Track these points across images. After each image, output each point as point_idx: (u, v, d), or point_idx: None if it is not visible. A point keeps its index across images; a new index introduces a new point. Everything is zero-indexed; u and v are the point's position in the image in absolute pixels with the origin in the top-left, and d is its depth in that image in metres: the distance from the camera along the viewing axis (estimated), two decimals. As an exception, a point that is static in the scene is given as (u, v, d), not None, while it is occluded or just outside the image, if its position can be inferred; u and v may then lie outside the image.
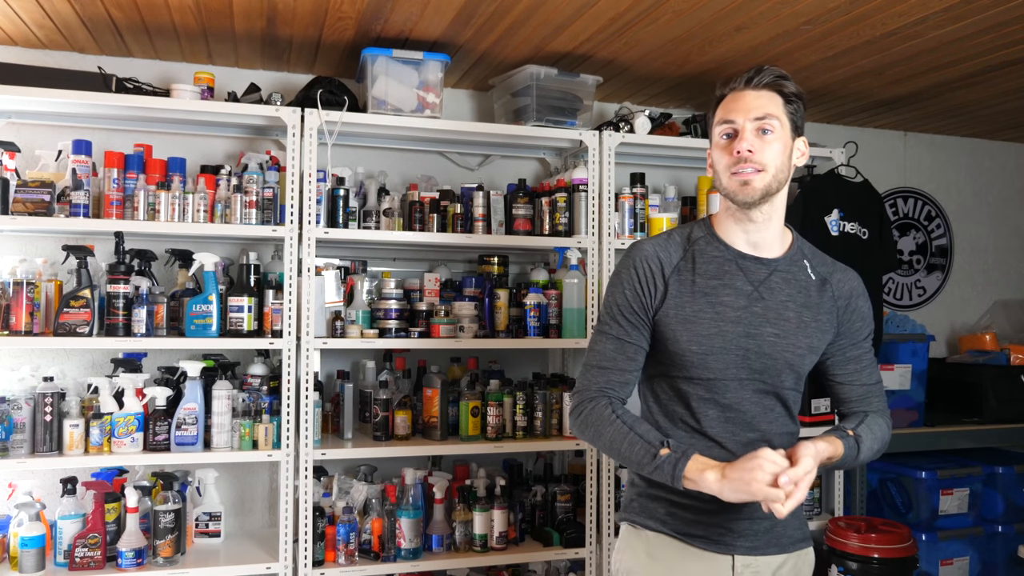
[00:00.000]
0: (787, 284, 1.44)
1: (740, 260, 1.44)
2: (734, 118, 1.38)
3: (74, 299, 2.26)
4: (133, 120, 2.61)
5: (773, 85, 1.39)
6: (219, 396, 2.37)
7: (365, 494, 2.49)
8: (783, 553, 1.47)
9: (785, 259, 1.46)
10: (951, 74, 2.87)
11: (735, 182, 1.38)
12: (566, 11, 2.30)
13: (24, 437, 2.24)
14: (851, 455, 1.41)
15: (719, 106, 1.43)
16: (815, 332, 1.44)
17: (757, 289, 1.42)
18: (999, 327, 3.75)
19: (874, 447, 1.44)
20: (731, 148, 1.38)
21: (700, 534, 1.44)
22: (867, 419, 1.48)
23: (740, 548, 1.43)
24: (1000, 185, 3.98)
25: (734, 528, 1.43)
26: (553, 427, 2.68)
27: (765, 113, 1.37)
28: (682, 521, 1.45)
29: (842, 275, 1.50)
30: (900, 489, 3.18)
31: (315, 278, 2.44)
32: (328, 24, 2.41)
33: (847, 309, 1.47)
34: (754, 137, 1.37)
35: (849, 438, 1.42)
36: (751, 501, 1.29)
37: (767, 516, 1.40)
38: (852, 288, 1.49)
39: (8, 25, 2.43)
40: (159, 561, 2.29)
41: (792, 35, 2.47)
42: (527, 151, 3.07)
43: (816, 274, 1.47)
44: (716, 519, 1.42)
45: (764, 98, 1.38)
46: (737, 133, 1.38)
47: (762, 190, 1.37)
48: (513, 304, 2.71)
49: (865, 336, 1.50)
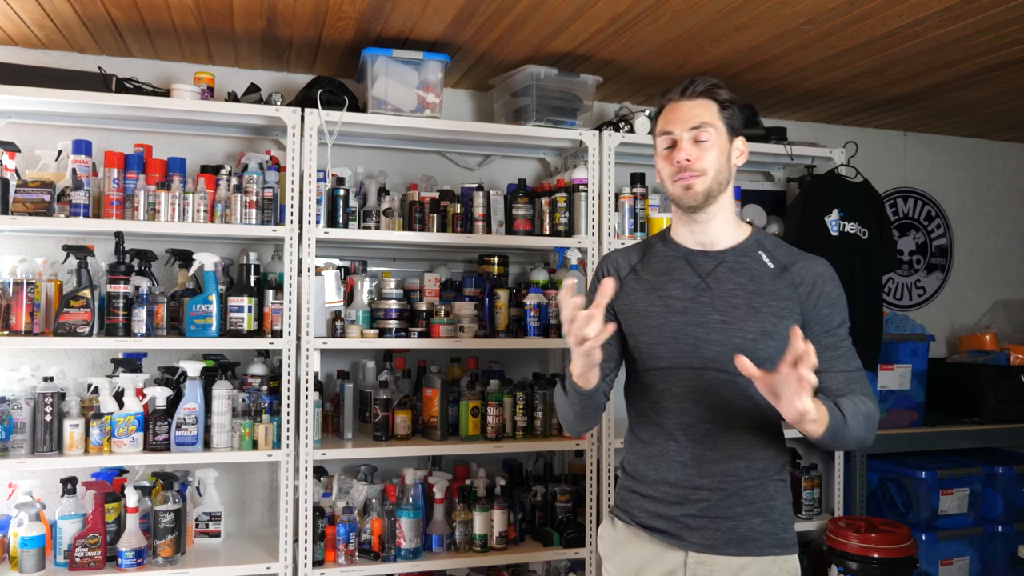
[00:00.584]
0: (735, 273, 1.49)
1: (689, 256, 1.53)
2: (672, 129, 1.47)
3: (74, 299, 2.26)
4: (133, 120, 2.61)
5: (706, 93, 1.47)
6: (219, 396, 2.37)
7: (365, 494, 2.49)
8: (746, 556, 1.45)
9: (735, 250, 1.51)
10: (951, 74, 2.87)
11: (678, 187, 1.47)
12: (566, 11, 2.30)
13: (24, 437, 2.24)
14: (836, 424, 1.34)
15: (659, 117, 1.52)
16: (768, 317, 1.44)
17: (704, 280, 1.50)
18: (999, 327, 3.75)
19: (859, 419, 1.38)
20: (672, 157, 1.47)
21: (660, 528, 1.50)
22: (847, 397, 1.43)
23: (694, 544, 1.46)
24: (1000, 185, 3.98)
25: (691, 524, 1.47)
26: (553, 427, 2.68)
27: (700, 122, 1.45)
28: (647, 514, 1.52)
29: (806, 263, 1.50)
30: (900, 489, 3.18)
31: (315, 278, 2.44)
32: (328, 24, 2.41)
33: (811, 295, 1.46)
34: (691, 146, 1.45)
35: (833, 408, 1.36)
36: (590, 356, 1.35)
37: (730, 516, 1.45)
38: (817, 274, 1.48)
39: (8, 25, 2.43)
40: (159, 561, 2.29)
41: (792, 35, 2.48)
42: (527, 151, 3.07)
43: (775, 263, 1.50)
44: (675, 513, 1.48)
45: (699, 107, 1.46)
46: (676, 143, 1.47)
47: (703, 193, 1.46)
48: (513, 304, 2.71)
49: (839, 324, 1.48)
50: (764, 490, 1.48)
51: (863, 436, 1.40)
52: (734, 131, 1.49)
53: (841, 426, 1.35)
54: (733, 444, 1.47)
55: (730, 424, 1.47)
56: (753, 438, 1.47)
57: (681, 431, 1.48)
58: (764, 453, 1.48)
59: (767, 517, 1.46)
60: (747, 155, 1.53)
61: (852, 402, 1.40)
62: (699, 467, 1.47)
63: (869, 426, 1.41)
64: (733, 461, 1.46)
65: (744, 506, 1.46)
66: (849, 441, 1.39)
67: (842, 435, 1.36)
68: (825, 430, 1.32)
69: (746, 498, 1.46)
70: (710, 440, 1.46)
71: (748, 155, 1.54)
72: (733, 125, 1.49)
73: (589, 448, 2.66)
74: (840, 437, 1.36)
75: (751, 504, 1.46)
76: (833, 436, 1.35)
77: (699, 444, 1.47)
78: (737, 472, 1.46)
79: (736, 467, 1.46)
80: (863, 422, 1.39)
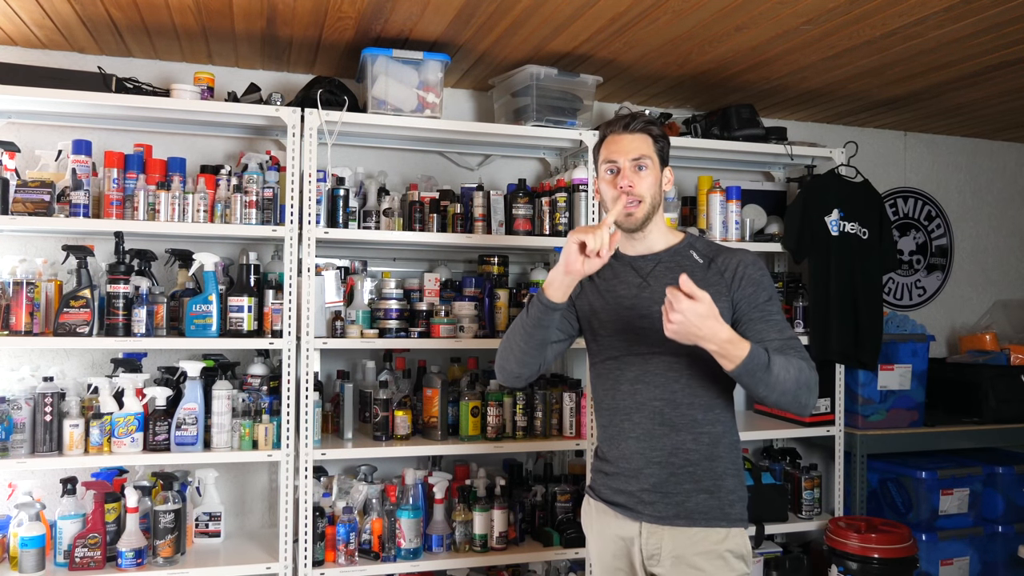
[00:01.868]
0: (670, 270, 1.70)
1: (632, 262, 1.76)
2: (616, 158, 1.69)
3: (74, 299, 2.26)
4: (133, 120, 2.61)
5: (644, 129, 1.70)
6: (219, 396, 2.37)
7: (365, 494, 2.49)
8: (693, 527, 1.62)
9: (669, 251, 1.74)
10: (951, 74, 2.87)
11: (621, 214, 1.68)
12: (566, 11, 2.30)
13: (24, 437, 2.24)
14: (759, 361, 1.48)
15: (602, 146, 1.74)
16: None
17: (645, 279, 1.72)
18: (999, 327, 3.76)
19: (790, 370, 1.51)
20: (615, 183, 1.68)
21: (620, 502, 1.70)
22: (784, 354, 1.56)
23: (647, 516, 1.65)
24: (1000, 185, 3.98)
25: (644, 498, 1.66)
26: (553, 427, 2.69)
27: (640, 154, 1.68)
28: (610, 490, 1.72)
29: (728, 254, 1.71)
30: (900, 489, 3.18)
31: (315, 278, 2.44)
32: (328, 24, 2.41)
33: (735, 278, 1.66)
34: (632, 174, 1.67)
35: (759, 347, 1.50)
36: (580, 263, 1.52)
37: (679, 492, 1.64)
38: (738, 260, 1.68)
39: (8, 25, 2.43)
40: (159, 561, 2.29)
41: (792, 35, 2.48)
42: (527, 151, 3.08)
43: (703, 257, 1.72)
44: (632, 488, 1.67)
45: (638, 140, 1.69)
46: (619, 171, 1.68)
47: (642, 219, 1.69)
48: (513, 304, 2.71)
49: (765, 300, 1.65)
50: (712, 469, 1.65)
51: (793, 389, 1.53)
52: (664, 161, 1.74)
53: (762, 368, 1.48)
54: (679, 419, 1.64)
55: (676, 401, 1.65)
56: (698, 414, 1.65)
57: (635, 409, 1.68)
58: (711, 428, 1.65)
59: (714, 494, 1.64)
60: (672, 183, 1.77)
61: (784, 355, 1.54)
62: (650, 441, 1.66)
63: (802, 382, 1.54)
64: (680, 434, 1.64)
65: (692, 483, 1.64)
66: (775, 389, 1.51)
67: (764, 378, 1.49)
68: (740, 363, 1.47)
69: (695, 476, 1.64)
70: (659, 416, 1.65)
71: (673, 184, 1.79)
72: (664, 156, 1.74)
73: (589, 448, 2.66)
74: (762, 380, 1.50)
75: (699, 482, 1.64)
76: (751, 374, 1.48)
77: (650, 420, 1.66)
78: (684, 445, 1.64)
79: (683, 439, 1.64)
80: (794, 375, 1.52)
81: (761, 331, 1.61)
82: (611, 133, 1.73)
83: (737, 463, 1.70)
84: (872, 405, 3.17)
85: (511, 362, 1.73)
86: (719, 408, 1.68)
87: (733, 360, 1.47)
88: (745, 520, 1.68)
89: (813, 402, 1.59)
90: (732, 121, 2.98)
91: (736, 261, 1.69)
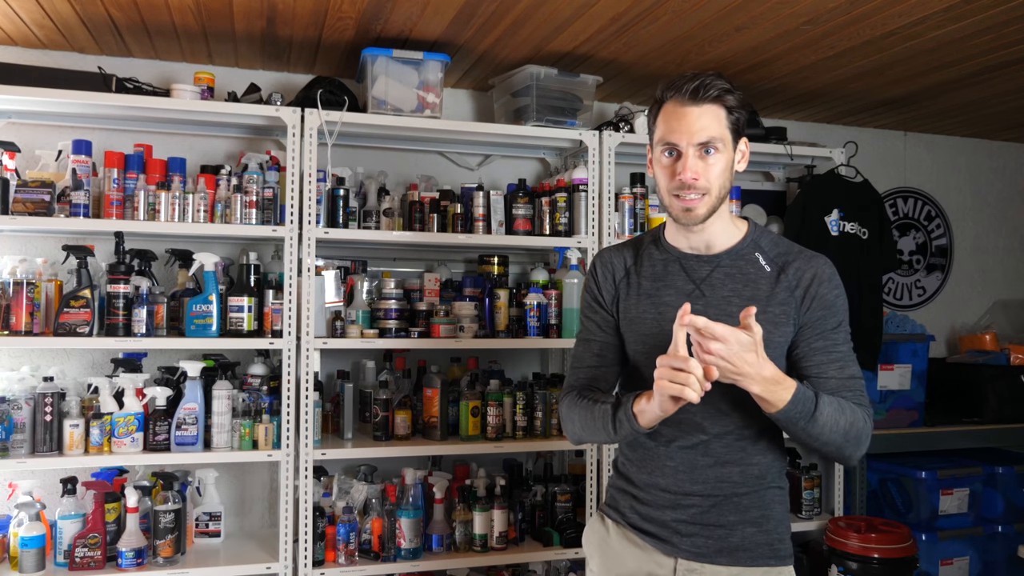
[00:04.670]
0: (730, 279, 1.41)
1: (683, 260, 1.45)
2: (676, 140, 1.35)
3: (74, 299, 2.26)
4: (133, 120, 2.61)
5: (718, 100, 1.35)
6: (219, 396, 2.37)
7: (365, 494, 2.49)
8: (737, 566, 1.39)
9: (730, 253, 1.44)
10: (951, 74, 2.87)
11: (678, 207, 1.38)
12: (566, 11, 2.30)
13: (24, 437, 2.24)
14: (804, 408, 1.27)
15: (660, 114, 1.39)
16: (764, 325, 1.31)
17: (699, 287, 1.42)
18: (999, 327, 3.76)
19: (840, 421, 1.30)
20: (673, 169, 1.36)
21: (651, 531, 1.45)
22: (840, 399, 1.35)
23: (684, 552, 1.41)
24: (1000, 185, 3.98)
25: (682, 530, 1.42)
26: (553, 427, 2.68)
27: (709, 137, 1.34)
28: (638, 516, 1.47)
29: (803, 263, 1.41)
30: (900, 489, 3.18)
31: (315, 278, 2.44)
32: (328, 24, 2.41)
33: (806, 297, 1.39)
34: (697, 161, 1.35)
35: (808, 390, 1.30)
36: (679, 406, 1.24)
37: (723, 524, 1.40)
38: (814, 275, 1.40)
39: (8, 25, 2.43)
40: (159, 561, 2.29)
41: (792, 35, 2.47)
42: (527, 151, 3.07)
43: (772, 265, 1.42)
44: (666, 518, 1.43)
45: (708, 116, 1.34)
46: (680, 155, 1.36)
47: (705, 215, 1.38)
48: (513, 304, 2.71)
49: (833, 327, 1.39)
50: (760, 498, 1.42)
51: (839, 443, 1.32)
52: (738, 135, 1.40)
53: (806, 417, 1.27)
54: (725, 451, 1.41)
55: (724, 432, 1.41)
56: (748, 444, 1.41)
57: (675, 438, 1.43)
58: (760, 459, 1.42)
59: (762, 527, 1.41)
60: (748, 157, 1.44)
61: (838, 403, 1.32)
62: (690, 473, 1.42)
63: (852, 436, 1.32)
64: (727, 467, 1.41)
65: (738, 514, 1.41)
66: (817, 439, 1.31)
67: (807, 428, 1.28)
68: (783, 408, 1.26)
69: (740, 505, 1.41)
70: (703, 448, 1.41)
71: (749, 156, 1.45)
72: (739, 129, 1.39)
73: (589, 448, 2.66)
74: (804, 430, 1.29)
75: (745, 512, 1.41)
76: (793, 422, 1.28)
77: (690, 451, 1.41)
78: (731, 478, 1.41)
79: (730, 472, 1.41)
80: (843, 427, 1.31)
81: (820, 364, 1.38)
82: (671, 99, 1.37)
83: (784, 490, 1.48)
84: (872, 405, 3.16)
85: (582, 441, 1.50)
86: (768, 436, 1.43)
87: (775, 404, 1.26)
88: (792, 556, 1.45)
89: (859, 454, 1.36)
90: (732, 121, 2.97)
91: (812, 275, 1.39)
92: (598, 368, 1.52)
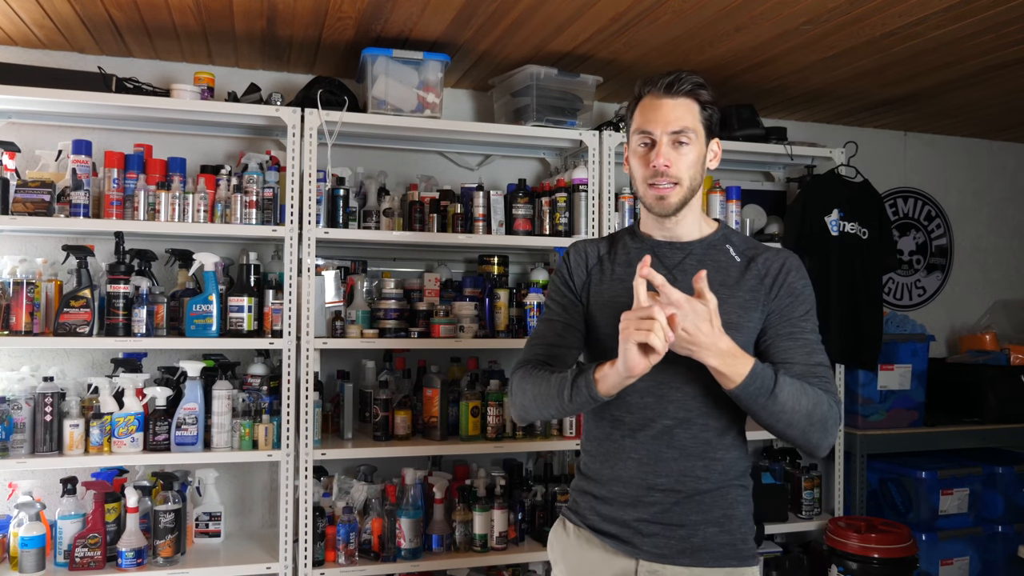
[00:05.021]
0: (702, 265, 1.44)
1: (656, 248, 1.49)
2: (651, 129, 1.41)
3: (74, 299, 2.26)
4: (133, 120, 2.61)
5: (691, 93, 1.41)
6: (219, 396, 2.37)
7: (365, 494, 2.48)
8: (699, 567, 1.38)
9: (702, 243, 1.48)
10: (951, 74, 2.87)
11: (652, 195, 1.43)
12: (566, 11, 2.30)
13: (24, 437, 2.24)
14: (763, 384, 1.28)
15: (637, 108, 1.45)
16: (733, 308, 1.40)
17: (671, 272, 1.45)
18: (999, 327, 3.76)
19: (802, 401, 1.30)
20: (648, 158, 1.41)
21: (612, 532, 1.43)
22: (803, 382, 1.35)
23: (645, 553, 1.40)
24: (1000, 185, 3.98)
25: (643, 530, 1.40)
26: (553, 427, 2.68)
27: (683, 126, 1.40)
28: (599, 517, 1.46)
29: (771, 254, 1.47)
30: (900, 489, 3.18)
31: (315, 278, 2.45)
32: (328, 24, 2.41)
33: (774, 284, 1.42)
34: (670, 149, 1.40)
35: (768, 368, 1.30)
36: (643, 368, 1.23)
37: (684, 523, 1.39)
38: (782, 264, 1.44)
39: (8, 25, 2.43)
40: (159, 561, 2.29)
41: (792, 35, 2.47)
42: (527, 151, 3.07)
43: (742, 256, 1.47)
44: (627, 517, 1.41)
45: (681, 108, 1.40)
46: (655, 144, 1.41)
47: (677, 204, 1.43)
48: (513, 304, 2.71)
49: (800, 315, 1.42)
50: (723, 497, 1.41)
51: (803, 424, 1.31)
52: (711, 133, 1.45)
53: (765, 392, 1.28)
54: (691, 442, 1.40)
55: (691, 421, 1.40)
56: (713, 437, 1.41)
57: (641, 427, 1.42)
58: (724, 455, 1.42)
59: (724, 527, 1.40)
60: (720, 157, 1.49)
61: (801, 385, 1.32)
62: (654, 466, 1.40)
63: (816, 418, 1.32)
64: (691, 460, 1.40)
65: (700, 513, 1.39)
66: (780, 419, 1.31)
67: (768, 405, 1.29)
68: (741, 382, 1.27)
69: (703, 504, 1.39)
70: (667, 437, 1.40)
71: (721, 157, 1.50)
72: (711, 127, 1.45)
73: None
74: (765, 407, 1.29)
75: (708, 512, 1.40)
76: (752, 398, 1.28)
77: (657, 441, 1.40)
78: (695, 472, 1.39)
79: (694, 466, 1.40)
80: (806, 407, 1.30)
81: (786, 350, 1.39)
82: (648, 94, 1.43)
83: (748, 490, 1.48)
84: (872, 405, 3.17)
85: (532, 416, 1.49)
86: (735, 431, 1.44)
87: (733, 378, 1.27)
88: (756, 556, 1.45)
89: (828, 443, 1.36)
90: (732, 121, 2.98)
91: (779, 264, 1.44)
92: (558, 347, 1.52)
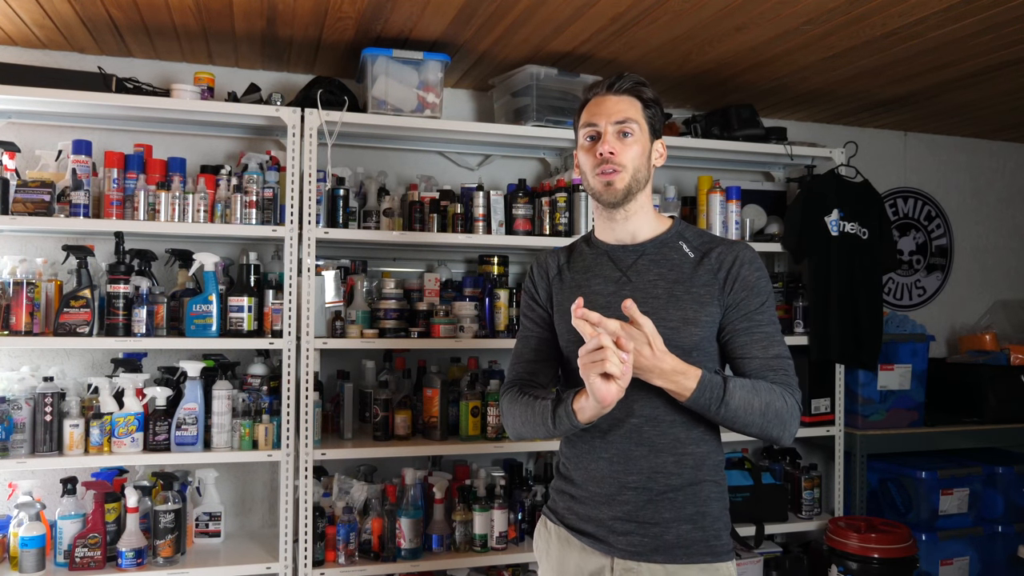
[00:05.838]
0: (655, 264, 1.49)
1: (610, 252, 1.53)
2: (597, 121, 1.46)
3: (74, 299, 2.26)
4: (133, 120, 2.61)
5: (632, 91, 1.47)
6: (219, 396, 2.37)
7: (365, 494, 2.49)
8: (673, 563, 1.40)
9: (654, 242, 1.51)
10: (951, 74, 2.87)
11: (599, 183, 1.46)
12: (566, 11, 2.30)
13: (24, 437, 2.24)
14: (712, 394, 1.32)
15: (583, 109, 1.51)
16: (689, 304, 1.43)
17: (625, 274, 1.50)
18: (999, 327, 3.76)
19: (754, 403, 1.34)
20: (594, 150, 1.46)
21: (588, 531, 1.47)
22: (755, 380, 1.39)
23: (620, 551, 1.42)
24: (1000, 185, 3.98)
25: (617, 528, 1.43)
26: (553, 427, 2.68)
27: (625, 117, 1.45)
28: (576, 516, 1.49)
29: (725, 248, 1.48)
30: (900, 489, 3.18)
31: (315, 278, 2.45)
32: (328, 24, 2.41)
33: (728, 279, 1.44)
34: (615, 139, 1.45)
35: (716, 377, 1.33)
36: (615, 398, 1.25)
37: (658, 521, 1.41)
38: (735, 257, 1.46)
39: (8, 25, 2.43)
40: (159, 561, 2.29)
41: (792, 35, 2.48)
42: (527, 151, 3.07)
43: (695, 252, 1.49)
44: (602, 516, 1.45)
45: (624, 103, 1.46)
46: (600, 135, 1.46)
47: (623, 190, 1.46)
48: (513, 304, 2.71)
49: (756, 308, 1.43)
50: (696, 494, 1.43)
51: (759, 423, 1.35)
52: (656, 132, 1.50)
53: (715, 402, 1.32)
54: (660, 439, 1.42)
55: (658, 418, 1.43)
56: (681, 432, 1.43)
57: (610, 427, 1.44)
58: (694, 449, 1.43)
59: (697, 523, 1.42)
60: (665, 157, 1.54)
61: (753, 386, 1.36)
62: (625, 464, 1.43)
63: (771, 415, 1.35)
64: (661, 456, 1.42)
65: (673, 511, 1.41)
66: (735, 423, 1.35)
67: (721, 412, 1.33)
68: (690, 397, 1.32)
69: (676, 502, 1.42)
70: (637, 435, 1.43)
71: (666, 158, 1.56)
72: (655, 126, 1.50)
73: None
74: (718, 414, 1.34)
75: (681, 509, 1.42)
76: (704, 409, 1.33)
77: (626, 439, 1.43)
78: (666, 468, 1.42)
79: (664, 462, 1.42)
80: (759, 407, 1.34)
81: (744, 345, 1.42)
82: (594, 95, 1.49)
83: (722, 486, 1.49)
84: (872, 405, 3.17)
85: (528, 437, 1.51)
86: (704, 426, 1.45)
87: (682, 393, 1.32)
88: (731, 552, 1.47)
89: (789, 432, 1.39)
90: (732, 121, 2.98)
91: (732, 258, 1.45)
92: (536, 363, 1.58)
